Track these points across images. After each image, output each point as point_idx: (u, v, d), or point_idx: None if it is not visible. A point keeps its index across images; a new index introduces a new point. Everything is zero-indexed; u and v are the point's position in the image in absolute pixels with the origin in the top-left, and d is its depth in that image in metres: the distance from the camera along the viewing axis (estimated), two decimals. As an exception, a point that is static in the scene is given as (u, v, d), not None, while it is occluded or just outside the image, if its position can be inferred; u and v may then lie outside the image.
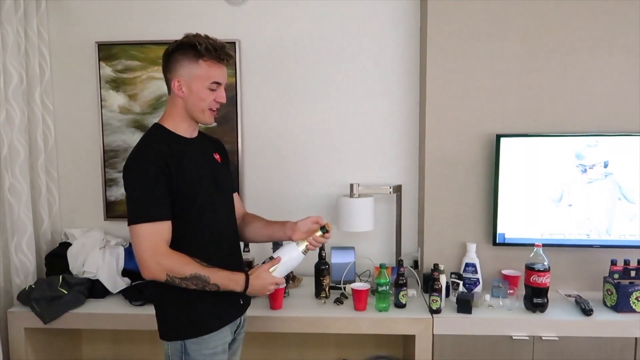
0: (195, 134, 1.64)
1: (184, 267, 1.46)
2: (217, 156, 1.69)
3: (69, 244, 2.39)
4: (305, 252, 1.61)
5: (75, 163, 2.59)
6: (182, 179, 1.50)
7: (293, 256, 1.59)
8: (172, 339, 1.56)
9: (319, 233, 1.62)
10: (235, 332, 1.69)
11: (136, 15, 2.48)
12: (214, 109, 1.58)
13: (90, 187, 2.58)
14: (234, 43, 2.44)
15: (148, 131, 1.59)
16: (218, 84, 1.54)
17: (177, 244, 1.50)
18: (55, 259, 2.36)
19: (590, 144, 2.16)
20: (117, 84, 2.50)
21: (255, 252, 2.38)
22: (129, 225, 1.47)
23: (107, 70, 2.50)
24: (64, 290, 2.14)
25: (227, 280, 1.51)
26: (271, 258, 1.60)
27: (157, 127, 1.59)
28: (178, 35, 2.41)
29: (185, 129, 1.59)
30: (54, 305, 2.09)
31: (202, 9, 2.46)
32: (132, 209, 1.48)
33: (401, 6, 2.42)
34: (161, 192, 1.47)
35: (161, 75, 2.42)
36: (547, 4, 2.21)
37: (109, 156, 2.54)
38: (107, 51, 2.49)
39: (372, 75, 2.47)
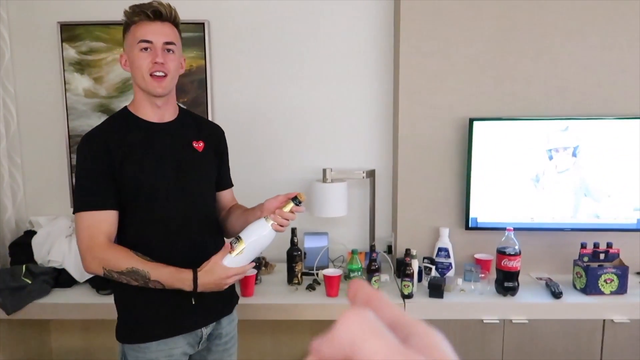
0: (168, 118, 1.50)
1: (120, 260, 1.34)
2: (197, 144, 1.53)
3: (34, 233, 2.32)
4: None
5: (40, 149, 2.50)
6: (127, 167, 1.40)
7: (263, 234, 1.34)
8: (117, 339, 1.50)
9: (290, 205, 1.37)
10: (199, 343, 1.53)
11: (100, -6, 2.38)
12: (158, 75, 1.40)
13: (56, 174, 2.50)
14: (203, 24, 2.36)
15: (111, 115, 1.52)
16: (148, 42, 1.38)
17: (124, 237, 1.43)
18: (20, 248, 2.29)
19: (561, 128, 2.16)
20: (81, 67, 2.41)
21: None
22: (73, 213, 1.42)
23: (71, 52, 2.40)
24: (27, 280, 2.07)
25: (171, 277, 1.36)
26: (238, 239, 1.36)
27: (122, 111, 1.50)
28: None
29: (149, 112, 1.46)
30: (18, 296, 2.03)
31: (170, -11, 2.37)
32: (75, 195, 1.42)
33: (375, -13, 2.38)
34: (102, 179, 1.38)
35: (127, 57, 2.40)
36: (521, -14, 2.19)
37: (74, 141, 2.45)
38: (70, 32, 2.39)
39: (346, 58, 2.42)
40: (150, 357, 1.45)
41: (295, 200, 1.38)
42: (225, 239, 1.60)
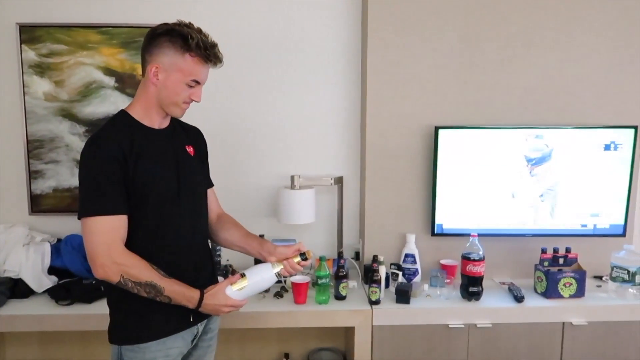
0: (165, 124, 1.53)
1: (141, 271, 1.36)
2: (189, 149, 1.58)
3: (-11, 241, 2.22)
4: (278, 275, 1.51)
5: (-4, 154, 2.40)
6: (137, 173, 1.39)
7: (265, 277, 1.50)
8: (111, 341, 1.48)
9: (297, 259, 1.53)
10: (192, 341, 1.57)
11: (62, -5, 2.32)
12: (187, 103, 1.49)
13: (13, 180, 2.40)
14: (170, 29, 2.33)
15: (111, 117, 1.48)
16: (197, 82, 1.47)
17: (128, 243, 1.40)
18: (-27, 257, 2.19)
19: (526, 137, 2.23)
20: (41, 69, 2.33)
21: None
22: (79, 218, 1.36)
23: (30, 54, 2.32)
24: (-19, 291, 1.98)
25: (180, 295, 1.41)
26: (242, 275, 1.48)
27: (122, 114, 1.48)
28: (108, 19, 2.33)
29: (152, 119, 1.48)
30: (-30, 308, 1.94)
31: (135, -8, 2.33)
32: (84, 200, 1.36)
33: (343, -4, 2.40)
34: (116, 183, 1.36)
35: (90, 60, 2.35)
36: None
37: (33, 146, 2.37)
38: (29, 33, 2.31)
39: (315, 66, 2.43)
40: (148, 358, 1.45)
41: (303, 256, 1.54)
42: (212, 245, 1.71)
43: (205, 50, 1.43)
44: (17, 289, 2.10)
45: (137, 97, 1.49)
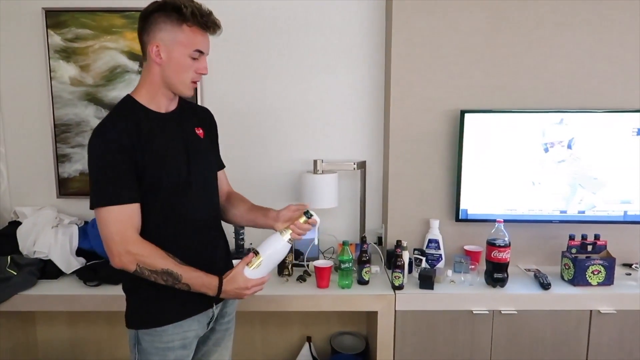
0: (172, 107, 1.49)
1: (157, 259, 1.35)
2: (199, 131, 1.55)
3: (19, 223, 2.28)
4: (290, 241, 1.47)
5: (25, 138, 2.44)
6: (147, 160, 1.37)
7: (278, 248, 1.47)
8: (128, 326, 1.49)
9: (303, 219, 1.48)
10: (209, 324, 1.56)
11: (87, -20, 2.33)
12: (195, 81, 1.44)
13: (41, 164, 2.45)
14: (193, 12, 2.32)
15: (117, 104, 1.45)
16: (201, 52, 1.41)
17: (142, 229, 1.39)
18: (4, 238, 2.24)
19: (555, 121, 2.17)
20: (67, 54, 2.36)
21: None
22: (92, 208, 1.35)
23: (56, 39, 2.35)
24: (12, 272, 2.04)
25: (199, 282, 1.40)
26: (255, 253, 1.46)
27: (128, 99, 1.44)
28: (131, 4, 2.32)
29: (159, 103, 1.44)
30: (2, 287, 1.99)
31: (158, -25, 2.32)
32: (96, 190, 1.35)
33: (367, -23, 2.36)
34: (126, 171, 1.34)
35: (115, 45, 2.36)
36: (513, -22, 2.18)
37: (60, 130, 2.41)
38: (55, 18, 2.33)
39: (337, 49, 2.40)
40: (165, 341, 1.45)
41: (308, 214, 1.48)
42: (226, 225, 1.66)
43: (202, 17, 1.37)
44: (46, 269, 2.15)
45: (141, 81, 1.44)
